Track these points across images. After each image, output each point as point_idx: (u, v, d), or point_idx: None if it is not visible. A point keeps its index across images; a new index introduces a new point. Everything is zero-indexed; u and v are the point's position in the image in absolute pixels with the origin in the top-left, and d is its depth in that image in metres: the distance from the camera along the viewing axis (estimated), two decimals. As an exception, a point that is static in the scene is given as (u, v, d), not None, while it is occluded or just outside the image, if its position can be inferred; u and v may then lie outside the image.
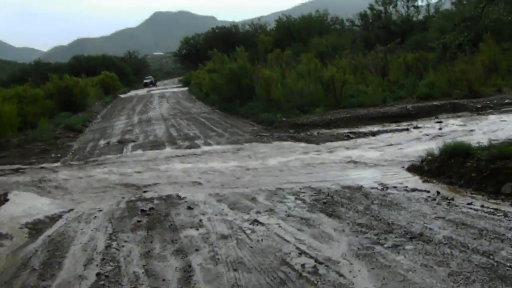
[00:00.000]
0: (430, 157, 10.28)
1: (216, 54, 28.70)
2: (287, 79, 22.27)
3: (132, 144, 18.17)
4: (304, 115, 19.73)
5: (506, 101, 19.35)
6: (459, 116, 17.45)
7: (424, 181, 9.34)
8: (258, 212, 7.70)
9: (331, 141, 14.95)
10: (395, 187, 8.95)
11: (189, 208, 8.36)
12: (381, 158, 11.79)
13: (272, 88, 21.40)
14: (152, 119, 25.93)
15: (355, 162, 11.57)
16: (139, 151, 16.41)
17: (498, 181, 8.34)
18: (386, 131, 15.64)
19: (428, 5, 64.57)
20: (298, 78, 23.75)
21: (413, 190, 8.64)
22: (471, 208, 7.26)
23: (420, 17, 64.76)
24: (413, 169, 10.28)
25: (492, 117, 16.81)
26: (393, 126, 16.73)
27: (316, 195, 8.58)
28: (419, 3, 65.27)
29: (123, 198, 9.83)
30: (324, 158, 12.48)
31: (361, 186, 9.06)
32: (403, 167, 10.61)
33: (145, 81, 74.16)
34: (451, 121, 16.68)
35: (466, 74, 21.10)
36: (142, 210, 8.50)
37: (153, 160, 14.49)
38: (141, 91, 58.70)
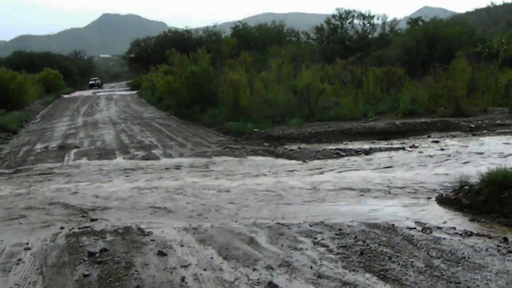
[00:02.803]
0: (467, 188, 8.06)
1: (175, 54, 25.93)
2: (258, 85, 19.85)
3: (75, 150, 15.24)
4: (278, 126, 17.33)
5: (498, 121, 17.64)
6: (453, 136, 15.50)
7: (471, 220, 7.09)
8: (269, 268, 5.15)
9: (319, 158, 12.58)
10: (439, 227, 6.64)
11: (161, 253, 5.70)
12: (392, 184, 9.48)
13: (240, 94, 18.91)
14: (99, 123, 22.87)
15: (361, 189, 9.20)
16: (84, 160, 13.56)
17: None
18: (380, 150, 13.43)
19: (384, 23, 64.40)
20: (266, 86, 21.39)
21: (468, 234, 6.34)
22: None
23: (376, 34, 64.44)
24: (446, 202, 8.01)
25: (490, 139, 14.96)
26: (383, 143, 14.57)
27: (339, 238, 6.12)
28: (375, 21, 65.09)
29: (62, 228, 7.05)
30: (318, 180, 10.05)
31: (393, 225, 6.69)
32: (430, 197, 8.35)
33: (90, 82, 69.79)
34: (448, 141, 14.69)
35: (453, 91, 19.32)
36: (90, 254, 5.77)
37: (101, 172, 11.71)
38: (87, 92, 54.80)
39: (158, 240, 6.27)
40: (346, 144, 14.58)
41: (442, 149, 13.27)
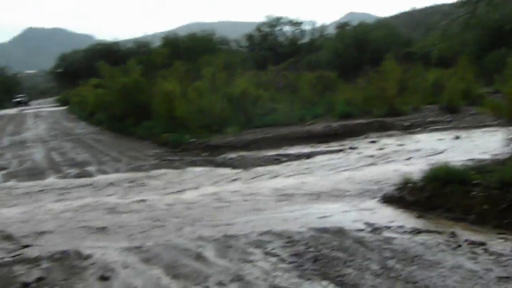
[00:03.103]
0: (410, 185, 8.10)
1: (104, 67, 25.13)
2: (192, 95, 19.50)
3: (3, 172, 14.35)
4: (216, 135, 17.05)
5: (430, 119, 18.18)
6: (390, 135, 15.79)
7: (418, 217, 7.10)
8: (221, 284, 4.88)
9: (260, 165, 12.41)
10: (388, 227, 6.59)
11: (103, 278, 5.30)
12: (336, 186, 9.43)
13: (175, 104, 18.49)
14: (27, 141, 21.73)
15: (306, 194, 9.09)
16: (12, 182, 12.76)
17: (527, 216, 6.30)
18: (321, 153, 13.45)
19: (313, 28, 65.45)
20: (201, 94, 21.06)
21: (417, 231, 6.33)
22: (530, 261, 5.05)
23: (306, 40, 65.40)
24: (391, 200, 8.01)
25: (425, 136, 15.37)
26: (323, 147, 14.62)
27: (291, 246, 5.93)
28: (304, 27, 66.03)
29: (-10, 258, 6.47)
30: (261, 188, 9.88)
31: (342, 228, 6.58)
32: (375, 197, 8.33)
33: (16, 99, 66.76)
34: (385, 140, 14.94)
35: (384, 91, 19.77)
36: (25, 284, 5.29)
37: (31, 194, 11.00)
38: (12, 110, 52.36)
39: (99, 263, 5.85)
40: (286, 149, 14.50)
41: (380, 149, 13.46)
